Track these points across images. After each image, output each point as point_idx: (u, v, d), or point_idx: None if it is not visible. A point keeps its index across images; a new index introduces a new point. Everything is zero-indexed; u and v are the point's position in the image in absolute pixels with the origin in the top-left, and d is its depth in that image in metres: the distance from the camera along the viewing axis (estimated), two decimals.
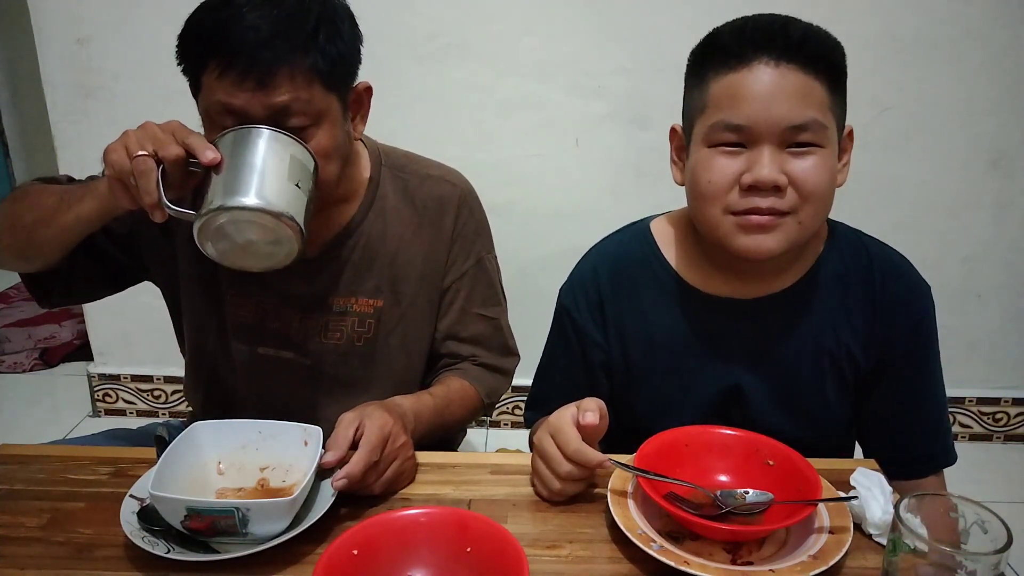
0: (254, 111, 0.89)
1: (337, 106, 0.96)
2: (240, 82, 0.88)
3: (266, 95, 0.89)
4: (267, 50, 0.88)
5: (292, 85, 0.90)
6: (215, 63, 0.89)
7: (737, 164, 0.89)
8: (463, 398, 1.10)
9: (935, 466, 1.03)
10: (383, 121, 1.12)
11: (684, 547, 0.78)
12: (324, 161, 0.94)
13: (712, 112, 0.90)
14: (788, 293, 0.99)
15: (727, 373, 1.01)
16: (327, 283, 1.09)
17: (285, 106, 0.90)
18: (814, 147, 0.88)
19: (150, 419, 2.21)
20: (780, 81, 0.86)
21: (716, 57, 0.91)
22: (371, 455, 0.85)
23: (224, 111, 0.90)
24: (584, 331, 1.06)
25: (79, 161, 2.14)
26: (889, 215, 2.03)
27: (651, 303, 1.03)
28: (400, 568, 0.74)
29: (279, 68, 0.88)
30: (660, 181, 1.03)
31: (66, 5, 2.01)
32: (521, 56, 2.02)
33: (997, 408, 2.30)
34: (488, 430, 2.39)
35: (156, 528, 0.79)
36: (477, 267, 1.15)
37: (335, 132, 0.96)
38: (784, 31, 0.88)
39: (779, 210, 0.88)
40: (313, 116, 0.92)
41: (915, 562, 0.65)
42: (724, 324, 1.01)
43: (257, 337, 1.11)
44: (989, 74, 2.00)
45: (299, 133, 0.91)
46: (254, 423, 0.92)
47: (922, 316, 1.00)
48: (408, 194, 1.12)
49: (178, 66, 0.95)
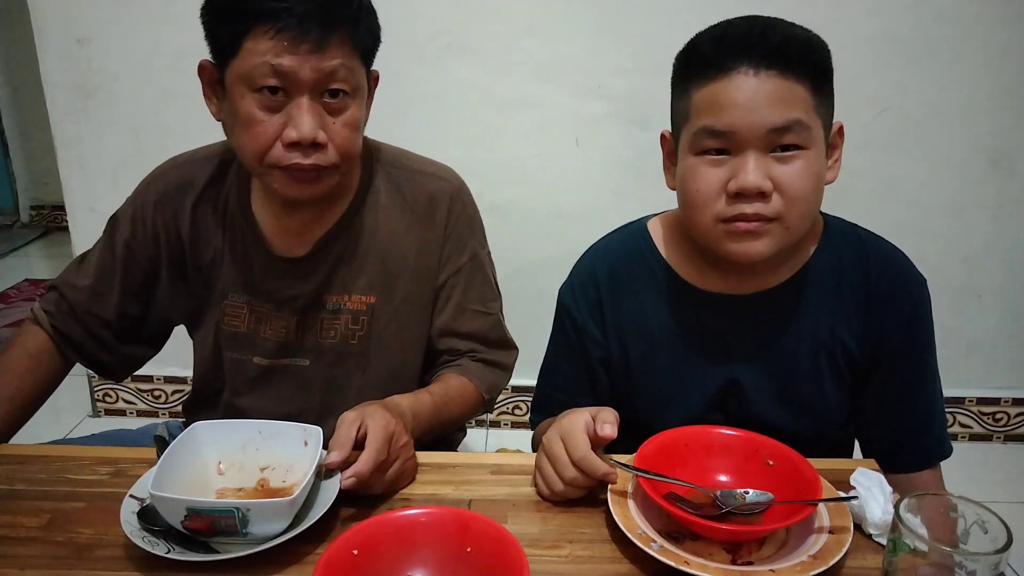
0: (304, 74, 0.92)
1: (366, 85, 1.01)
2: (297, 44, 0.91)
3: (320, 59, 0.92)
4: (326, 15, 0.91)
5: (343, 52, 0.94)
6: (269, 24, 0.90)
7: (722, 172, 0.90)
8: (462, 395, 1.10)
9: (930, 459, 1.03)
10: (383, 120, 1.12)
11: (684, 547, 0.78)
12: (355, 133, 0.98)
13: (695, 120, 0.91)
14: (783, 288, 1.00)
15: (725, 368, 1.02)
16: (320, 281, 1.09)
17: (334, 70, 0.93)
18: (799, 149, 0.88)
19: (150, 419, 2.22)
20: (760, 88, 0.87)
21: (696, 67, 0.92)
22: (379, 454, 0.85)
23: (272, 72, 0.92)
24: (584, 329, 1.07)
25: (79, 161, 2.14)
26: (889, 215, 2.02)
27: (649, 300, 1.04)
28: (400, 568, 0.74)
29: (334, 34, 0.92)
30: (660, 181, 1.03)
31: (66, 5, 2.01)
32: (521, 56, 2.02)
33: (997, 408, 2.30)
34: (488, 430, 2.39)
35: (156, 528, 0.79)
36: (472, 263, 1.15)
37: (363, 108, 1.01)
38: (763, 38, 0.88)
39: (765, 216, 0.89)
40: (352, 87, 0.96)
41: (915, 562, 0.65)
42: (721, 320, 1.01)
43: (252, 347, 1.11)
44: (989, 74, 2.00)
45: (339, 101, 0.96)
46: (254, 423, 0.92)
47: (917, 308, 1.00)
48: (400, 190, 1.12)
49: (211, 28, 0.95)
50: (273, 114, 0.94)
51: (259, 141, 0.95)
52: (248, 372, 1.13)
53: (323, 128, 0.95)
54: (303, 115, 0.93)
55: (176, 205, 1.11)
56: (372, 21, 0.99)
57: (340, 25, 0.93)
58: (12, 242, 4.03)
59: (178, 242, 1.11)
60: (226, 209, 1.10)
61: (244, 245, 1.10)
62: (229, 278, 1.11)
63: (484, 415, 2.36)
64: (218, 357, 1.14)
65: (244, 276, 1.10)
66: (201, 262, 1.11)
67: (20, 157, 4.20)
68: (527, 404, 2.36)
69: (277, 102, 0.94)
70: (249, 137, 0.96)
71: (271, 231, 1.09)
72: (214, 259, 1.11)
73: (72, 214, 2.21)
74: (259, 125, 0.94)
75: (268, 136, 0.95)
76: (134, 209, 1.12)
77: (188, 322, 1.18)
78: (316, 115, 0.94)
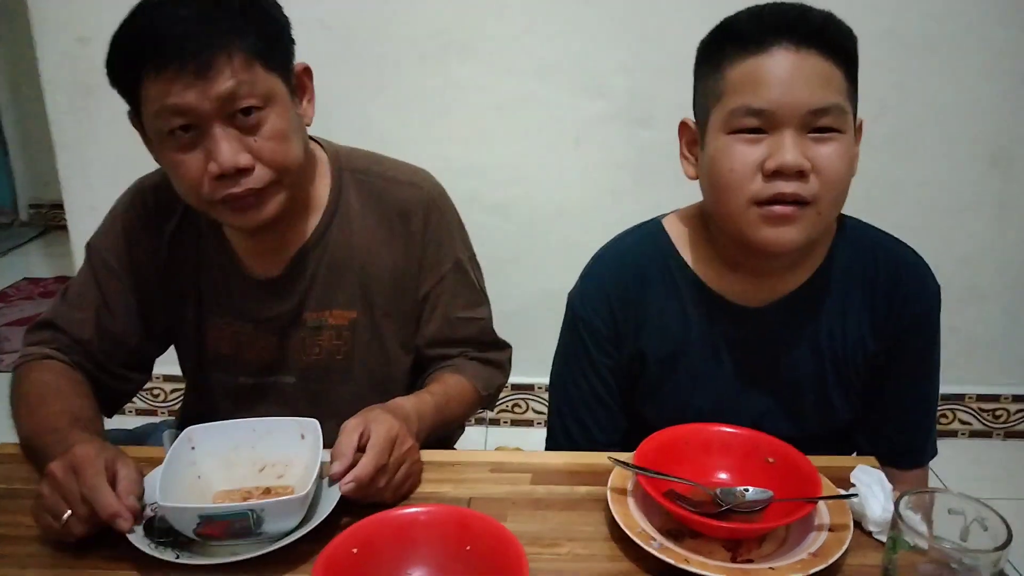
0: (201, 105, 0.88)
1: (283, 88, 0.95)
2: (180, 77, 0.86)
3: (209, 85, 0.87)
4: (199, 38, 0.86)
5: (232, 69, 0.88)
6: (151, 66, 0.87)
7: (759, 151, 0.87)
8: (461, 393, 1.09)
9: (922, 459, 1.05)
10: (383, 120, 1.12)
11: (684, 545, 0.78)
12: (284, 144, 0.94)
13: (731, 98, 0.88)
14: (800, 293, 0.98)
15: (741, 376, 1.01)
16: (297, 300, 1.07)
17: (232, 92, 0.88)
18: (834, 132, 0.87)
19: (150, 418, 2.21)
20: (801, 65, 0.85)
21: (733, 43, 0.89)
22: (379, 457, 0.84)
23: (172, 113, 0.88)
24: (598, 335, 1.03)
25: (79, 161, 2.14)
26: (889, 215, 1.99)
27: (668, 304, 1.01)
28: (400, 566, 0.74)
29: (215, 54, 0.87)
30: (660, 181, 1.03)
31: (66, 5, 2.01)
32: (521, 56, 2.02)
33: (997, 405, 2.31)
34: (488, 428, 2.39)
35: (161, 541, 0.79)
36: (455, 270, 1.12)
37: (287, 113, 0.95)
38: (803, 17, 0.87)
39: (803, 197, 0.87)
40: (261, 98, 0.91)
41: (915, 559, 0.65)
42: (739, 327, 1.00)
43: (236, 368, 1.11)
44: (989, 74, 2.00)
45: (253, 117, 0.91)
46: (248, 421, 0.92)
47: (926, 314, 1.00)
48: (372, 199, 1.08)
49: (113, 87, 0.93)
50: (192, 151, 0.91)
51: (188, 183, 0.93)
52: (234, 392, 1.12)
53: (247, 150, 0.91)
54: (219, 145, 0.89)
55: (154, 230, 1.08)
56: (264, 21, 0.93)
57: (221, 43, 0.87)
58: (11, 241, 4.04)
59: (159, 267, 1.08)
60: (200, 233, 1.08)
61: (221, 268, 1.08)
62: (209, 301, 1.09)
63: (483, 413, 2.36)
64: (205, 378, 1.14)
65: (223, 299, 1.09)
66: (180, 285, 1.09)
67: (20, 156, 4.20)
68: (526, 402, 2.36)
69: (191, 139, 0.91)
70: (179, 181, 0.94)
71: (244, 252, 1.07)
72: (193, 282, 1.09)
73: (71, 213, 2.21)
74: (182, 167, 0.92)
75: (194, 176, 0.92)
76: (113, 235, 1.09)
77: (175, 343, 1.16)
78: (233, 141, 0.90)
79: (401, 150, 1.19)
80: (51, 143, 2.14)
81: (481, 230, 1.24)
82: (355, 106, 1.98)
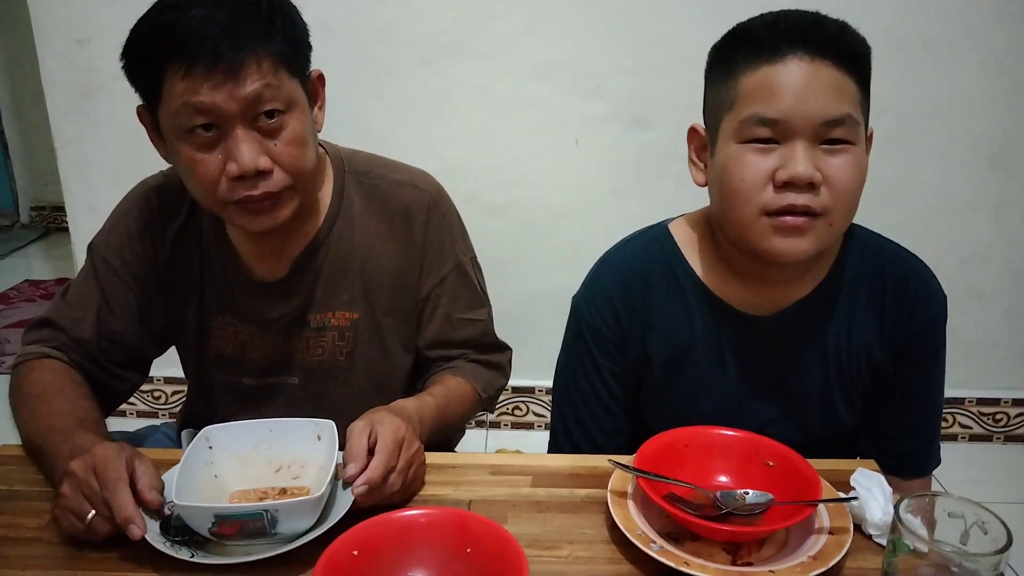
0: (227, 106, 0.88)
1: (302, 93, 0.96)
2: (208, 77, 0.87)
3: (237, 86, 0.88)
4: (231, 39, 0.87)
5: (261, 72, 0.89)
6: (178, 63, 0.87)
7: (770, 161, 0.87)
8: (461, 395, 1.09)
9: (926, 468, 1.05)
10: (383, 120, 1.12)
11: (684, 548, 0.78)
12: (302, 149, 0.94)
13: (743, 106, 0.88)
14: (807, 302, 0.98)
15: (746, 384, 1.01)
16: (301, 300, 1.08)
17: (258, 95, 0.89)
18: (846, 144, 0.86)
19: (150, 420, 2.21)
20: (816, 75, 0.85)
21: (747, 50, 0.88)
22: (389, 460, 0.84)
23: (196, 111, 0.89)
24: (603, 341, 1.03)
25: (79, 161, 2.14)
26: (889, 215, 2.00)
27: (673, 310, 1.01)
28: (400, 568, 0.74)
29: (246, 56, 0.88)
30: (660, 181, 1.03)
31: (66, 5, 2.01)
32: (521, 56, 2.02)
33: (997, 408, 2.30)
34: (488, 430, 2.39)
35: (177, 539, 0.79)
36: (456, 271, 1.12)
37: (305, 119, 0.96)
38: (819, 26, 0.87)
39: (813, 209, 0.86)
40: (285, 103, 0.92)
41: (915, 563, 0.65)
42: (746, 336, 1.00)
43: (240, 369, 1.11)
44: (989, 74, 2.00)
45: (275, 121, 0.91)
46: (265, 422, 0.92)
47: (933, 324, 0.99)
48: (374, 201, 1.09)
49: (132, 77, 0.93)
50: (211, 151, 0.91)
51: (204, 182, 0.93)
52: (237, 392, 1.12)
53: (266, 153, 0.92)
54: (240, 147, 0.90)
55: (157, 232, 1.08)
56: (289, 27, 0.94)
57: (251, 45, 0.88)
58: (12, 243, 4.04)
59: (160, 268, 1.09)
60: (202, 235, 1.08)
61: (223, 270, 1.08)
62: (211, 302, 1.09)
63: (483, 415, 2.36)
64: (207, 379, 1.14)
65: (226, 300, 1.09)
66: (184, 287, 1.09)
67: (20, 157, 4.20)
68: (527, 404, 2.36)
69: (212, 139, 0.91)
70: (194, 180, 0.94)
71: (247, 254, 1.07)
72: (196, 284, 1.09)
73: (72, 214, 2.21)
74: (200, 166, 0.92)
75: (212, 176, 0.92)
76: (116, 236, 1.09)
77: (177, 344, 1.17)
78: (254, 143, 0.91)
79: (401, 151, 1.19)
80: (51, 144, 2.14)
81: (481, 231, 1.24)
82: (355, 107, 1.98)
